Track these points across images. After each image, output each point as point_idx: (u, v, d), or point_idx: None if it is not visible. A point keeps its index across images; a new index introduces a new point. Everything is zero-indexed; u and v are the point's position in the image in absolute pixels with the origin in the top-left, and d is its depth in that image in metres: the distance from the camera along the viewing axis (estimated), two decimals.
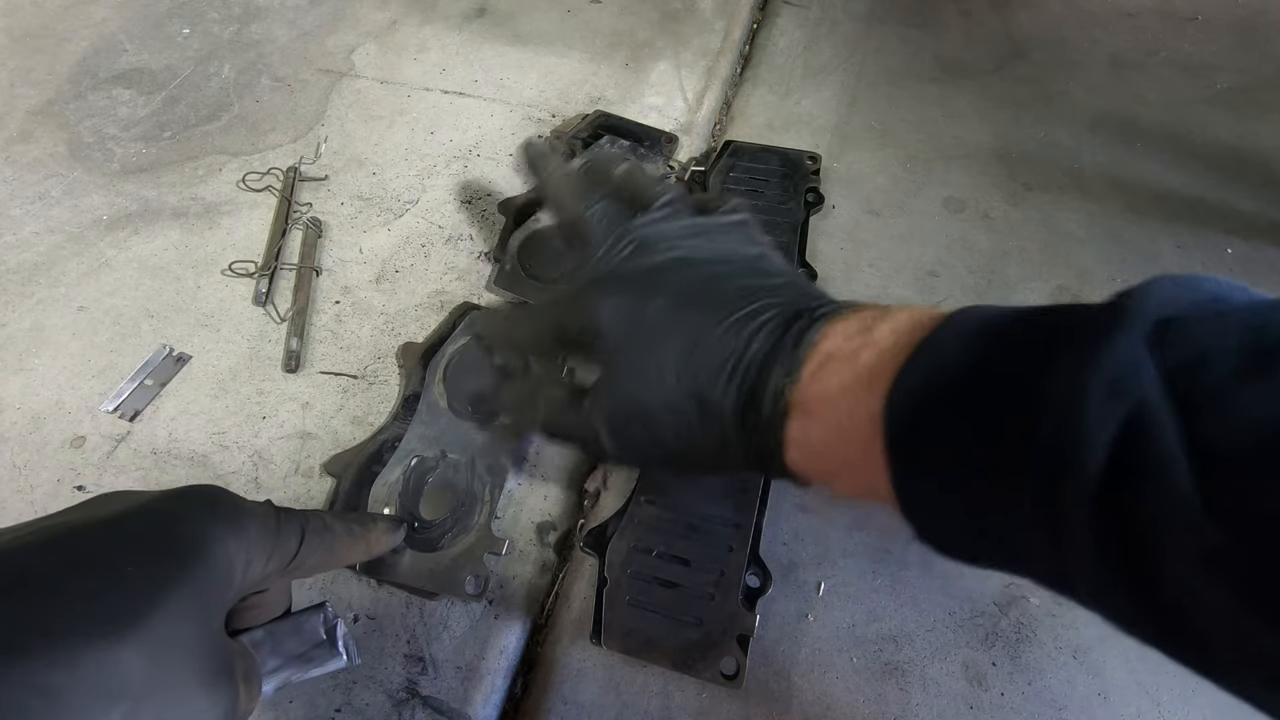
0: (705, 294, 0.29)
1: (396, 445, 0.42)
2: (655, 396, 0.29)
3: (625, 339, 0.30)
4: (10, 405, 0.45)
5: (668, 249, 0.32)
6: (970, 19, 0.71)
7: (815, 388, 0.25)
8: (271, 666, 0.27)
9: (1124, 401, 0.17)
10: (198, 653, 0.21)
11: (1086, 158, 0.59)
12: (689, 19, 0.70)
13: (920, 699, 0.36)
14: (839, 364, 0.25)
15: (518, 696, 0.38)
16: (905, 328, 0.24)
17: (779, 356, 0.26)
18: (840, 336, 0.26)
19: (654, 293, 0.30)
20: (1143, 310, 0.19)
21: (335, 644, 0.29)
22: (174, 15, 0.69)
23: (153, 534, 0.23)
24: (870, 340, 0.25)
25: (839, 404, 0.24)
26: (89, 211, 0.54)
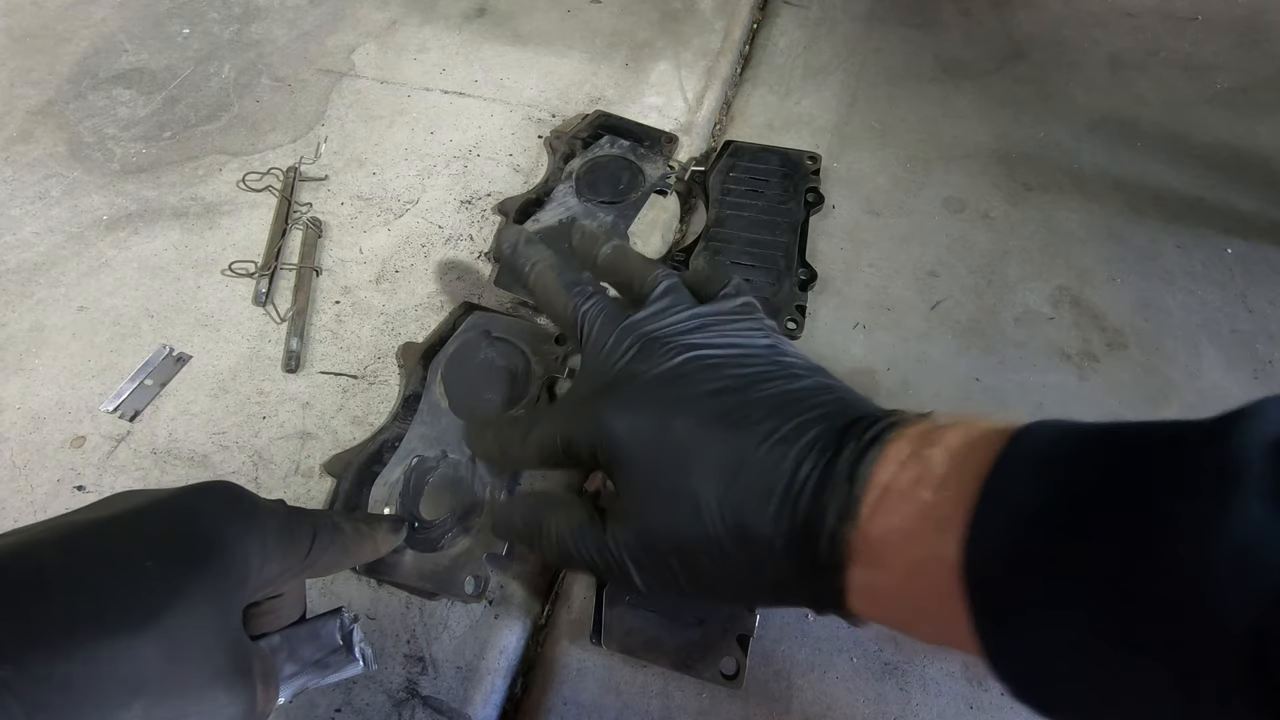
0: (734, 408, 0.27)
1: (397, 445, 0.42)
2: (691, 529, 0.26)
3: (650, 463, 0.27)
4: (10, 405, 0.45)
5: (677, 350, 0.29)
6: (970, 19, 0.71)
7: (876, 530, 0.22)
8: (288, 673, 0.27)
9: (1263, 572, 0.15)
10: (216, 647, 0.21)
11: (1086, 158, 0.59)
12: (689, 19, 0.70)
13: (920, 699, 0.36)
14: (898, 501, 0.22)
15: (518, 696, 0.38)
16: (960, 450, 0.22)
17: (832, 489, 0.23)
18: (894, 464, 0.23)
19: (676, 408, 0.27)
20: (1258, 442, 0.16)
21: (352, 649, 0.28)
22: (174, 15, 0.69)
23: (170, 529, 0.23)
24: (926, 470, 0.22)
25: (906, 551, 0.22)
26: (89, 211, 0.54)
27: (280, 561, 0.25)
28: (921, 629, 0.23)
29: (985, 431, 0.22)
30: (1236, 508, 0.16)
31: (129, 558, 0.21)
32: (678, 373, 0.29)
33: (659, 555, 0.27)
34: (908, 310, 0.50)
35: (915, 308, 0.51)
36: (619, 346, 0.31)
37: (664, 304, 0.32)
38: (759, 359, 0.29)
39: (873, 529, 0.23)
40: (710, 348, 0.29)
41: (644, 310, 0.32)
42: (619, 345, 0.31)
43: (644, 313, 0.31)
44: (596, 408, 0.29)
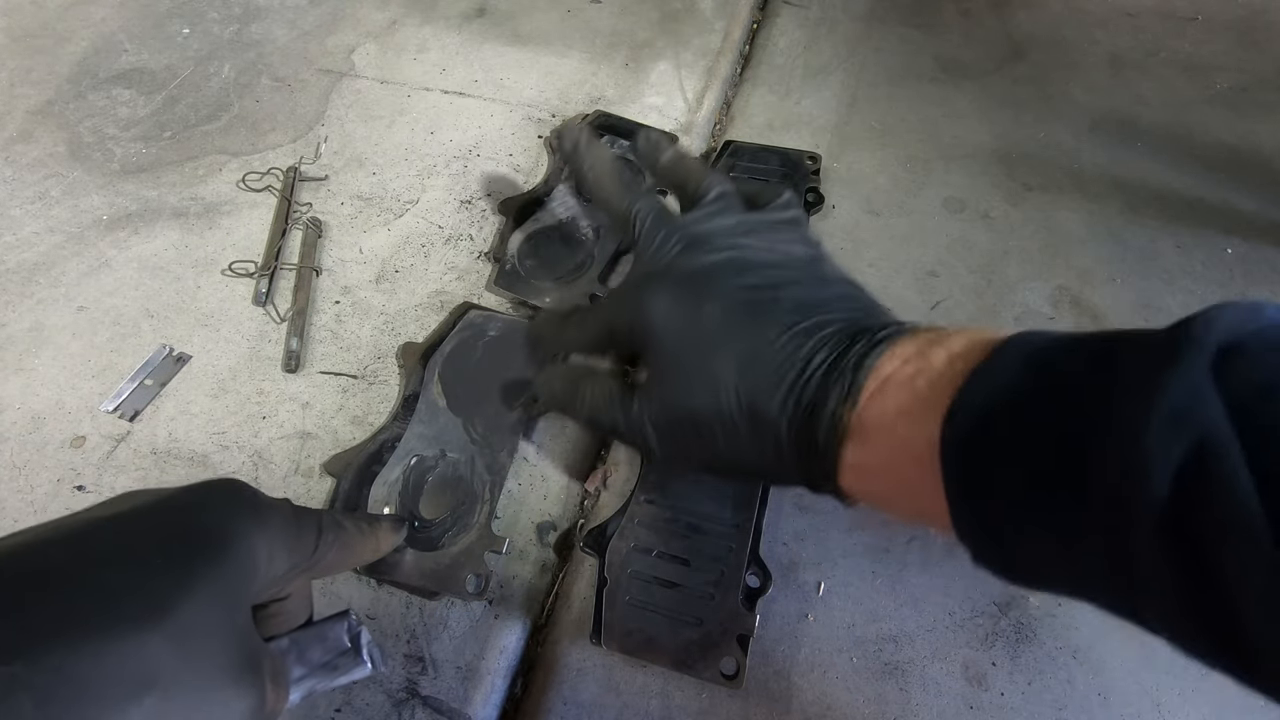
0: (762, 302, 0.29)
1: (396, 445, 0.42)
2: (708, 405, 0.28)
3: (679, 343, 0.29)
4: (10, 405, 0.45)
5: (720, 248, 0.31)
6: (970, 19, 0.71)
7: (873, 412, 0.25)
8: (297, 675, 0.27)
9: (1188, 431, 0.17)
10: (225, 643, 0.22)
11: (1086, 158, 0.59)
12: (689, 19, 0.70)
13: (920, 699, 0.36)
14: (896, 388, 0.25)
15: (518, 696, 0.38)
16: (961, 352, 0.24)
17: (838, 377, 0.26)
18: (898, 360, 0.25)
19: (709, 296, 0.29)
20: (1205, 338, 0.18)
21: (360, 652, 0.28)
22: (174, 15, 0.69)
23: (178, 526, 0.23)
24: (927, 365, 0.24)
25: (896, 428, 0.24)
26: (89, 211, 0.55)
27: (287, 558, 0.25)
28: (902, 502, 0.26)
29: (987, 337, 0.24)
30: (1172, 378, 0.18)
31: (136, 554, 0.21)
32: (716, 267, 0.30)
33: (677, 425, 0.29)
34: (908, 310, 0.50)
35: (915, 308, 0.51)
36: (667, 242, 0.32)
37: (715, 207, 0.33)
38: (795, 265, 0.31)
39: (869, 412, 0.25)
40: (751, 250, 0.31)
41: (695, 211, 0.33)
42: (667, 241, 0.32)
43: (695, 214, 0.33)
44: (638, 292, 0.31)
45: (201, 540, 0.23)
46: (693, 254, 0.31)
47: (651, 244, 0.33)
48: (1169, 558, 0.17)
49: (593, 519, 0.42)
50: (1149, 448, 0.17)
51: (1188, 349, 0.18)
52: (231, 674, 0.21)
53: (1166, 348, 0.19)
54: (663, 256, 0.32)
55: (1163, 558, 0.17)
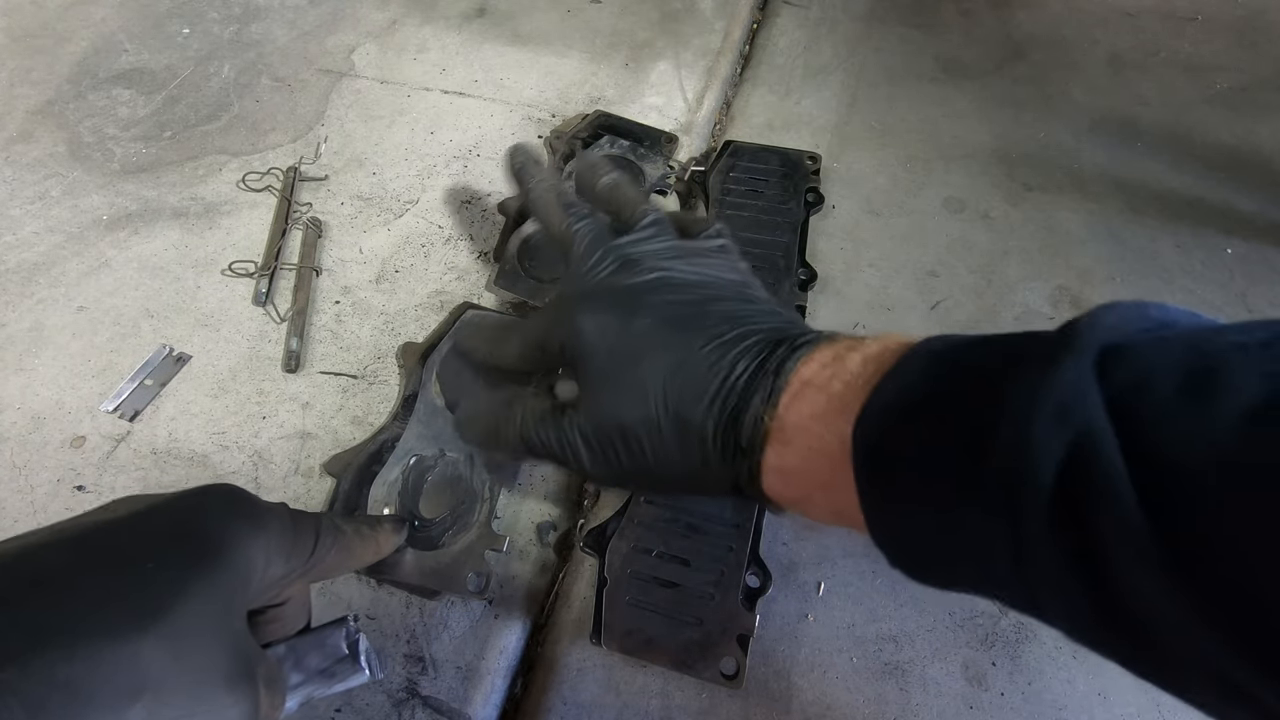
0: (690, 317, 0.30)
1: (396, 445, 0.42)
2: (636, 416, 0.29)
3: (607, 357, 0.30)
4: (10, 405, 0.45)
5: (650, 269, 0.32)
6: (970, 19, 0.71)
7: (791, 415, 0.26)
8: (294, 682, 0.27)
9: (1070, 425, 0.18)
10: (219, 649, 0.22)
11: (1086, 158, 0.59)
12: (689, 19, 0.70)
13: (920, 699, 0.36)
14: (813, 391, 0.26)
15: (518, 696, 0.38)
16: (875, 355, 0.25)
17: (759, 383, 0.27)
18: (816, 364, 0.26)
19: (638, 311, 0.30)
20: (1089, 338, 0.19)
21: (358, 659, 0.28)
22: (174, 15, 0.69)
23: (174, 531, 0.23)
24: (843, 368, 0.26)
25: (812, 430, 0.25)
26: (89, 211, 0.54)
27: (284, 563, 0.25)
28: (820, 503, 0.26)
29: (901, 341, 0.25)
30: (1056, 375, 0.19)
31: (132, 559, 0.21)
32: (646, 285, 0.32)
33: (606, 438, 0.30)
34: (908, 310, 0.50)
35: (915, 308, 0.51)
36: (601, 262, 0.33)
37: (649, 232, 0.34)
38: (724, 287, 0.32)
39: (788, 415, 0.26)
40: (681, 271, 0.32)
41: (630, 235, 0.34)
42: (601, 261, 0.33)
43: (629, 237, 0.34)
44: (570, 309, 0.32)
45: (197, 546, 0.23)
46: (624, 274, 0.33)
47: (586, 263, 0.34)
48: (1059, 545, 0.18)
49: (593, 519, 0.42)
50: (1034, 441, 0.18)
51: (1073, 348, 0.19)
52: (225, 680, 0.21)
53: (1054, 347, 0.20)
54: (595, 275, 0.33)
55: (1054, 546, 0.18)
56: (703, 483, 0.29)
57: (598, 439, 0.30)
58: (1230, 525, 0.16)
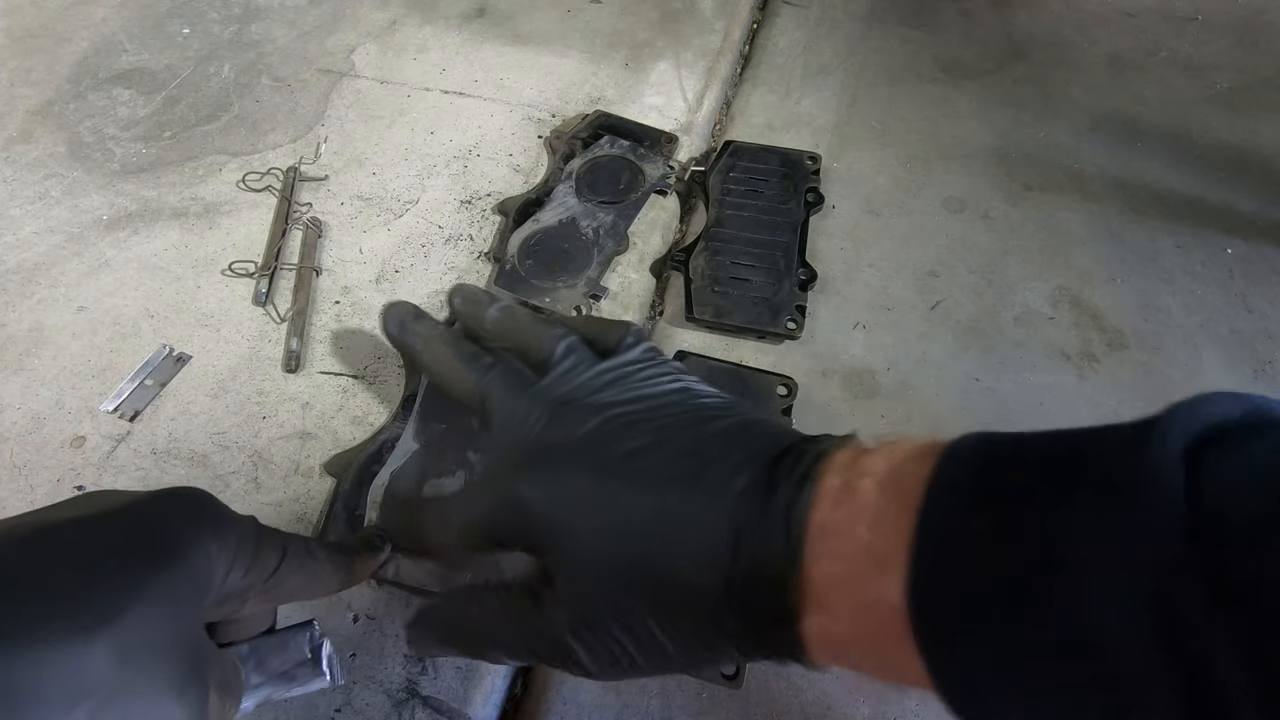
0: (657, 465, 0.26)
1: (396, 445, 0.42)
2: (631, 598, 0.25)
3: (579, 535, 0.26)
4: (10, 405, 0.45)
5: (588, 412, 0.28)
6: (970, 19, 0.71)
7: (820, 575, 0.22)
8: (254, 683, 0.27)
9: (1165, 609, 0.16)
10: (170, 655, 0.21)
11: (1086, 158, 0.59)
12: (689, 19, 0.70)
13: (920, 699, 0.36)
14: (837, 541, 0.22)
15: (518, 696, 0.38)
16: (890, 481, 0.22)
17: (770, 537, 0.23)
18: (828, 501, 0.22)
19: (597, 473, 0.26)
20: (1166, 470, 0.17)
21: (320, 663, 0.28)
22: (174, 15, 0.69)
23: (131, 534, 0.22)
24: (860, 505, 0.22)
25: (853, 594, 0.21)
26: (89, 211, 0.54)
27: (244, 574, 0.25)
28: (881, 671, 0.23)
29: (908, 455, 0.22)
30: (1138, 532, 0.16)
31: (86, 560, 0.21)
32: (593, 437, 0.27)
33: (604, 632, 0.25)
34: (908, 310, 0.50)
35: (915, 308, 0.51)
36: (529, 416, 0.29)
37: (567, 365, 0.30)
38: (673, 407, 0.28)
39: (818, 574, 0.22)
40: (622, 404, 0.28)
41: (549, 375, 0.30)
42: (529, 415, 0.29)
43: (549, 378, 0.30)
44: (516, 485, 0.27)
45: (156, 549, 0.22)
46: (561, 425, 0.28)
47: (510, 421, 0.29)
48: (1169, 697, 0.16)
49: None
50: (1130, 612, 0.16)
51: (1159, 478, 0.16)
52: (173, 687, 0.21)
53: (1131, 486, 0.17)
54: (527, 433, 0.29)
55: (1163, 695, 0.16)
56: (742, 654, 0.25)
57: (594, 636, 0.25)
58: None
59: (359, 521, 0.39)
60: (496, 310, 0.34)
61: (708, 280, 0.49)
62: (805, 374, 0.47)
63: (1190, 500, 0.16)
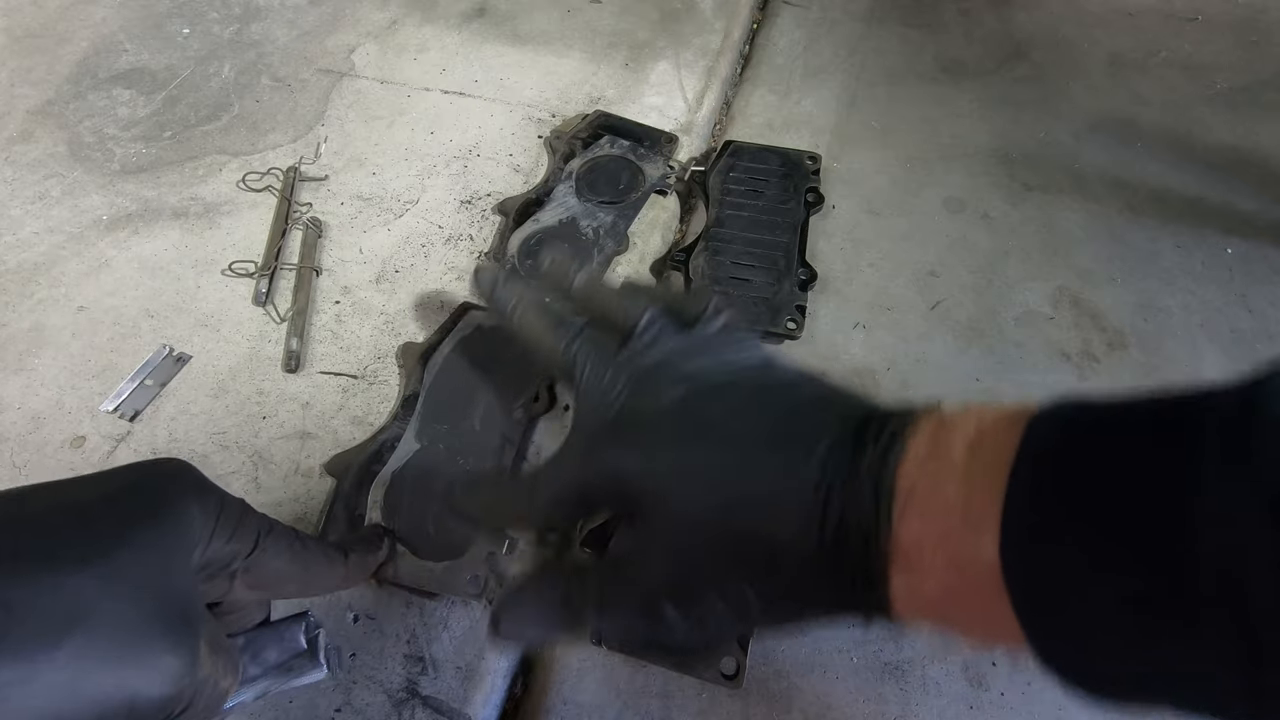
0: (746, 431, 0.26)
1: (396, 445, 0.42)
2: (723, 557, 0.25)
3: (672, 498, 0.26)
4: (10, 405, 0.45)
5: (671, 382, 0.29)
6: (970, 19, 0.71)
7: (910, 534, 0.22)
8: (252, 674, 0.27)
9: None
10: (159, 595, 0.22)
11: (1086, 158, 0.59)
12: (689, 19, 0.70)
13: (920, 699, 0.36)
14: (926, 502, 0.22)
15: (518, 696, 0.38)
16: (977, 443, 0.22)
17: (859, 497, 0.23)
18: (915, 464, 0.23)
19: (689, 439, 0.27)
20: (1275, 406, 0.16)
21: (316, 654, 0.28)
22: (174, 15, 0.69)
23: (119, 489, 0.24)
24: (948, 465, 0.22)
25: (943, 552, 0.22)
26: (89, 211, 0.54)
27: (227, 540, 0.26)
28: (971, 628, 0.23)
29: (998, 418, 0.22)
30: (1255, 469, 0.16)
31: (79, 506, 0.23)
32: (682, 404, 0.28)
33: (697, 592, 0.25)
34: (908, 310, 0.50)
35: (915, 308, 0.51)
36: (615, 383, 0.30)
37: (652, 332, 0.31)
38: (757, 376, 0.29)
39: (906, 533, 0.22)
40: (706, 373, 0.29)
41: (634, 344, 0.31)
42: (615, 382, 0.30)
43: (634, 347, 0.31)
44: (608, 451, 0.28)
45: (145, 500, 0.24)
46: (645, 394, 0.29)
47: (597, 389, 0.30)
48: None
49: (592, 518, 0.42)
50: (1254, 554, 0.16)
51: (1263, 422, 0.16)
52: (161, 625, 0.22)
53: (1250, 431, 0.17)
54: (614, 401, 0.29)
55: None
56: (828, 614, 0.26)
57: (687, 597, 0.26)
58: None
59: (359, 522, 0.39)
60: (582, 278, 0.34)
61: (708, 280, 0.49)
62: None
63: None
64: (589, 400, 0.30)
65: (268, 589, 0.28)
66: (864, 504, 0.23)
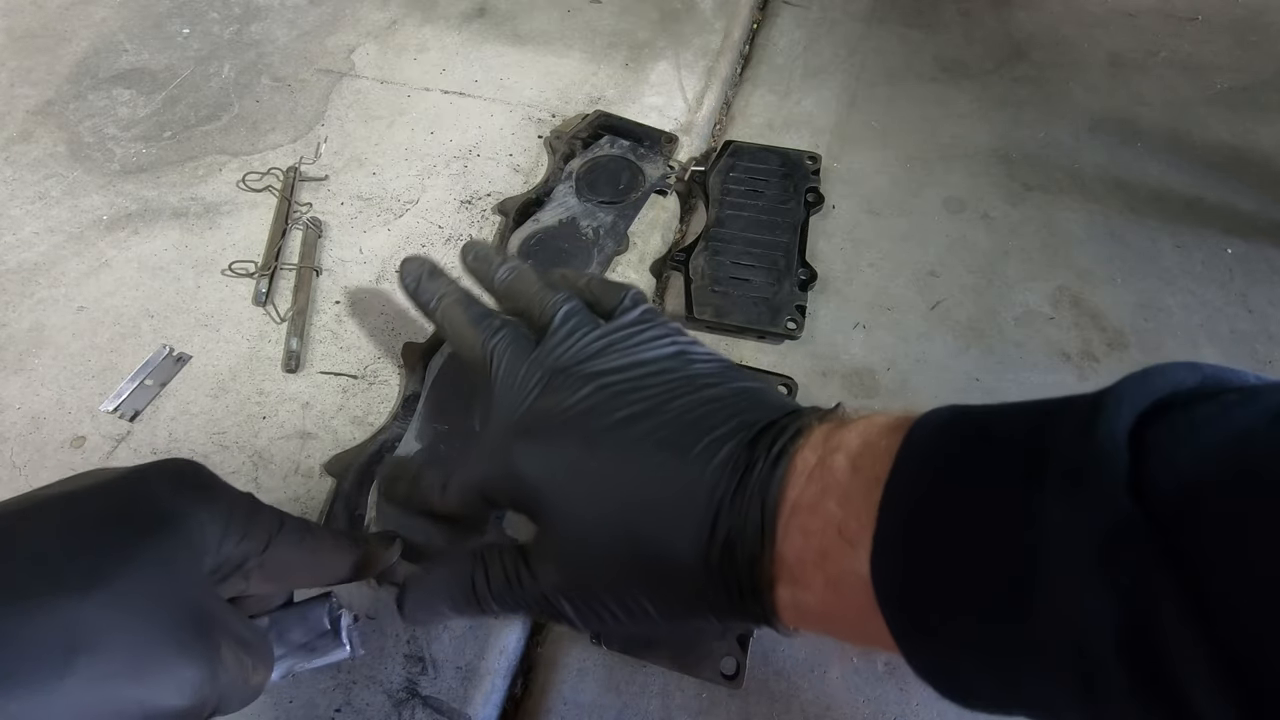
0: (643, 436, 0.26)
1: (396, 445, 0.42)
2: (616, 566, 0.26)
3: (567, 502, 0.27)
4: (10, 405, 0.45)
5: (583, 380, 0.29)
6: (970, 19, 0.71)
7: (792, 550, 0.23)
8: (276, 654, 0.27)
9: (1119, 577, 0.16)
10: (169, 612, 0.22)
11: (1086, 158, 0.59)
12: (689, 19, 0.70)
13: (920, 699, 0.36)
14: (808, 517, 0.23)
15: (518, 696, 0.38)
16: (860, 456, 0.22)
17: (745, 512, 0.23)
18: (801, 478, 0.23)
19: (586, 443, 0.27)
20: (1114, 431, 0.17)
21: (339, 634, 0.29)
22: (174, 15, 0.69)
23: (124, 502, 0.23)
24: (832, 481, 0.23)
25: (823, 568, 0.22)
26: (89, 211, 0.54)
27: (239, 540, 0.25)
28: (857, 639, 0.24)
29: (881, 429, 0.23)
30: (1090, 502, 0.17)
31: (77, 527, 0.22)
32: (585, 405, 0.28)
33: (592, 596, 0.26)
34: (908, 310, 0.50)
35: (915, 308, 0.51)
36: (527, 382, 0.30)
37: (565, 330, 0.31)
38: (666, 374, 0.28)
39: (788, 549, 0.23)
40: (616, 372, 0.29)
41: (548, 340, 0.31)
42: (527, 380, 0.30)
43: (548, 344, 0.31)
44: (508, 451, 0.28)
45: (147, 515, 0.23)
46: (556, 392, 0.29)
47: (510, 387, 0.30)
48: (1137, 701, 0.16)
49: None
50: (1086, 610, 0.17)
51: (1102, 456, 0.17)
52: (175, 639, 0.21)
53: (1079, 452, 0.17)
54: (524, 401, 0.29)
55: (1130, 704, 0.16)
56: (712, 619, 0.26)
57: (583, 599, 0.27)
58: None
59: (359, 522, 0.39)
60: (505, 271, 0.34)
61: (708, 280, 0.49)
62: (805, 374, 0.47)
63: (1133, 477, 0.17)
64: (502, 397, 0.30)
65: (283, 581, 0.28)
66: (750, 520, 0.23)
